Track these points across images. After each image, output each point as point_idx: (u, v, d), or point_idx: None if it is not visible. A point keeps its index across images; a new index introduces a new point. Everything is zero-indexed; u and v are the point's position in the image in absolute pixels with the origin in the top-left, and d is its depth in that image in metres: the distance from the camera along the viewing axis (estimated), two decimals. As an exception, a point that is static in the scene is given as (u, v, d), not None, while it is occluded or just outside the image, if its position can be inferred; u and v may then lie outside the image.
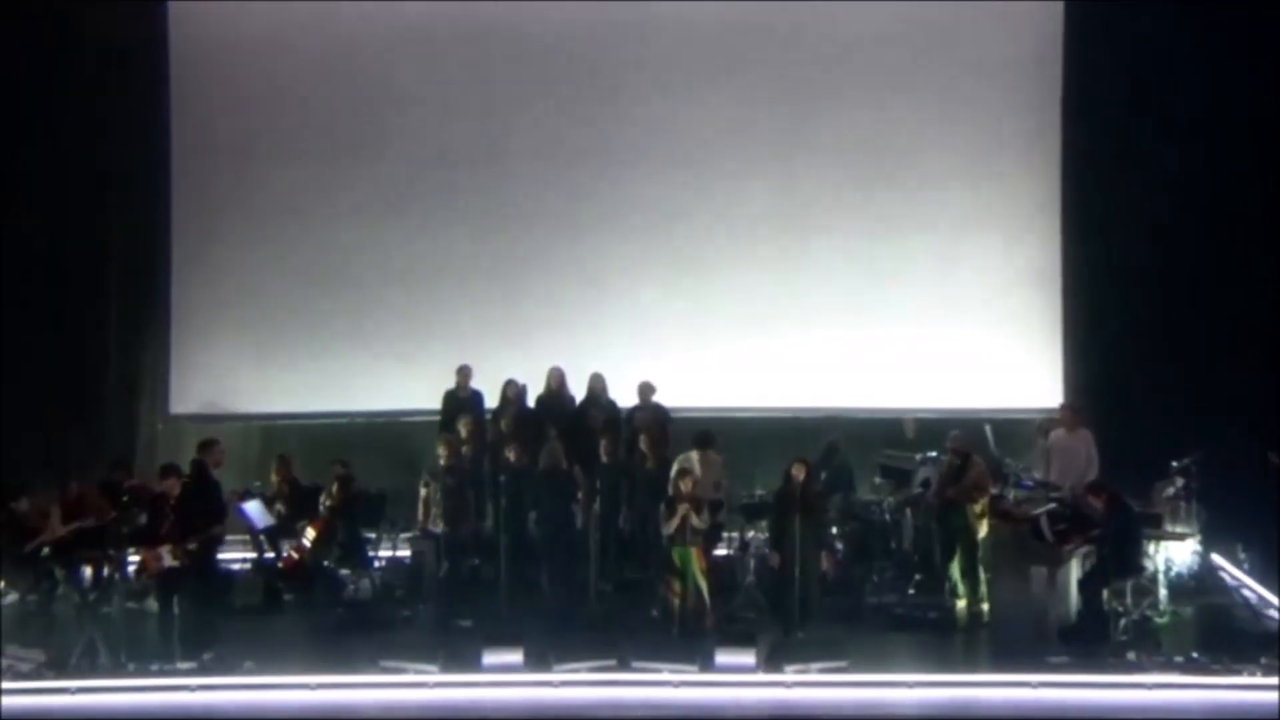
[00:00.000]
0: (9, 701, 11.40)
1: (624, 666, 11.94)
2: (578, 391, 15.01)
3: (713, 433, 14.13)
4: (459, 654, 12.01)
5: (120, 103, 15.95)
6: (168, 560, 12.52)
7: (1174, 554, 13.83)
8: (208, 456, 13.67)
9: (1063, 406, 14.91)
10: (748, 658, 11.91)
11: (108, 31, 15.79)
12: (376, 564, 14.37)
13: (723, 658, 11.90)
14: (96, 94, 15.80)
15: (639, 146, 16.18)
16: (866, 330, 16.14)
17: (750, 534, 14.25)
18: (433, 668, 11.83)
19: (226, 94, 16.20)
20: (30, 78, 15.41)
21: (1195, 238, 15.48)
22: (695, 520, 12.85)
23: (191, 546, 12.67)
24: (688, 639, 12.50)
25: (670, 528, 12.90)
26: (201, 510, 13.07)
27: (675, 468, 13.56)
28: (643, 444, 13.95)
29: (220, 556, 14.18)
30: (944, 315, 16.12)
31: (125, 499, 13.73)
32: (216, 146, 16.26)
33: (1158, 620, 13.13)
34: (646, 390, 14.85)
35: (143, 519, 13.55)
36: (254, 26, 16.16)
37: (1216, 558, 14.45)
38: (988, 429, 14.48)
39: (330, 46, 16.19)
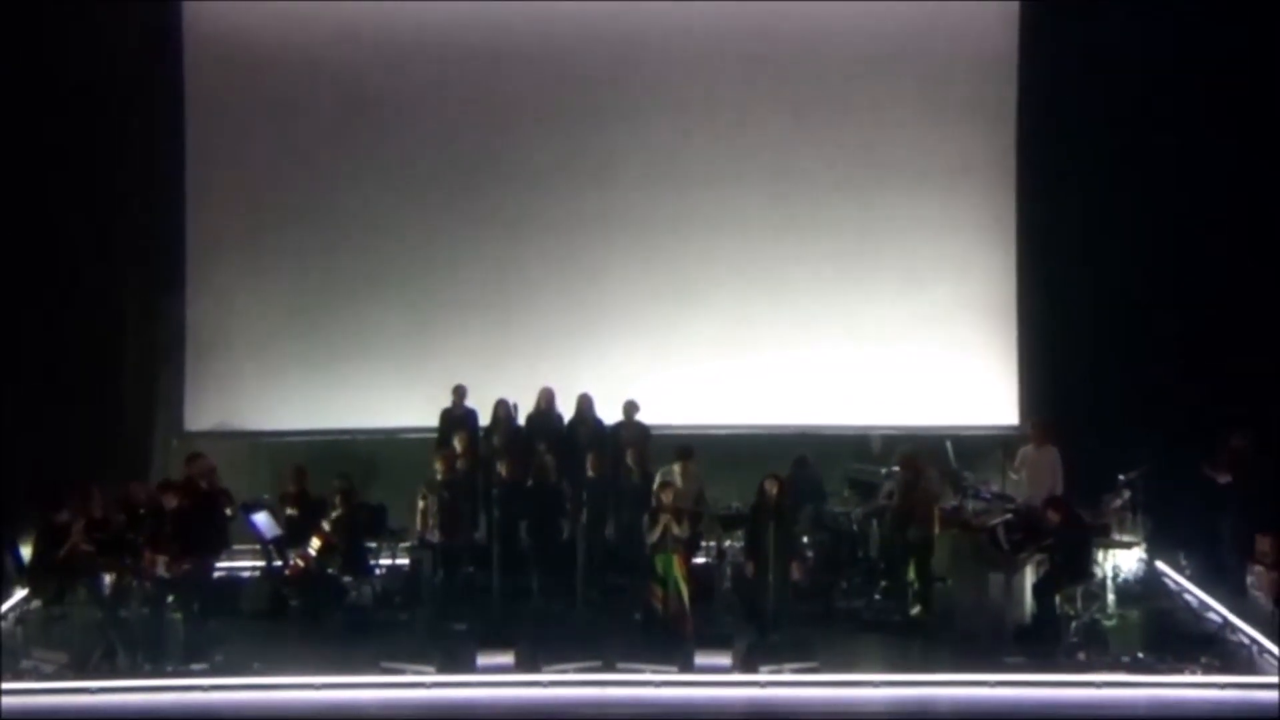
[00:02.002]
0: (35, 701, 11.46)
1: (609, 667, 11.98)
2: (566, 410, 15.02)
3: (692, 447, 14.17)
4: (454, 656, 12.07)
5: (136, 123, 15.72)
6: (161, 570, 12.53)
7: (1121, 561, 13.90)
8: (194, 468, 13.70)
9: (1032, 423, 14.97)
10: (724, 659, 11.99)
11: (122, 43, 15.49)
12: (377, 571, 14.31)
13: (701, 659, 11.97)
14: (112, 114, 15.51)
15: (624, 183, 16.17)
16: (835, 352, 16.17)
17: (727, 543, 14.24)
18: (430, 669, 11.88)
19: (241, 115, 16.11)
20: (45, 98, 15.06)
21: (1142, 266, 15.49)
22: (676, 530, 12.88)
23: (187, 566, 12.72)
24: (669, 641, 12.51)
25: (653, 537, 12.92)
26: (201, 528, 13.11)
27: (657, 481, 13.58)
28: (629, 459, 13.96)
29: (229, 565, 14.27)
30: (907, 338, 16.15)
31: (140, 511, 13.74)
32: (229, 168, 16.16)
33: (1106, 623, 13.20)
34: (630, 409, 14.86)
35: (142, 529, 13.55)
36: (269, 40, 16.04)
37: (1160, 564, 14.51)
38: (948, 444, 14.50)
39: (331, 75, 16.10)
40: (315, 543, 13.71)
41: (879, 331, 16.18)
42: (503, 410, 14.91)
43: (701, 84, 16.17)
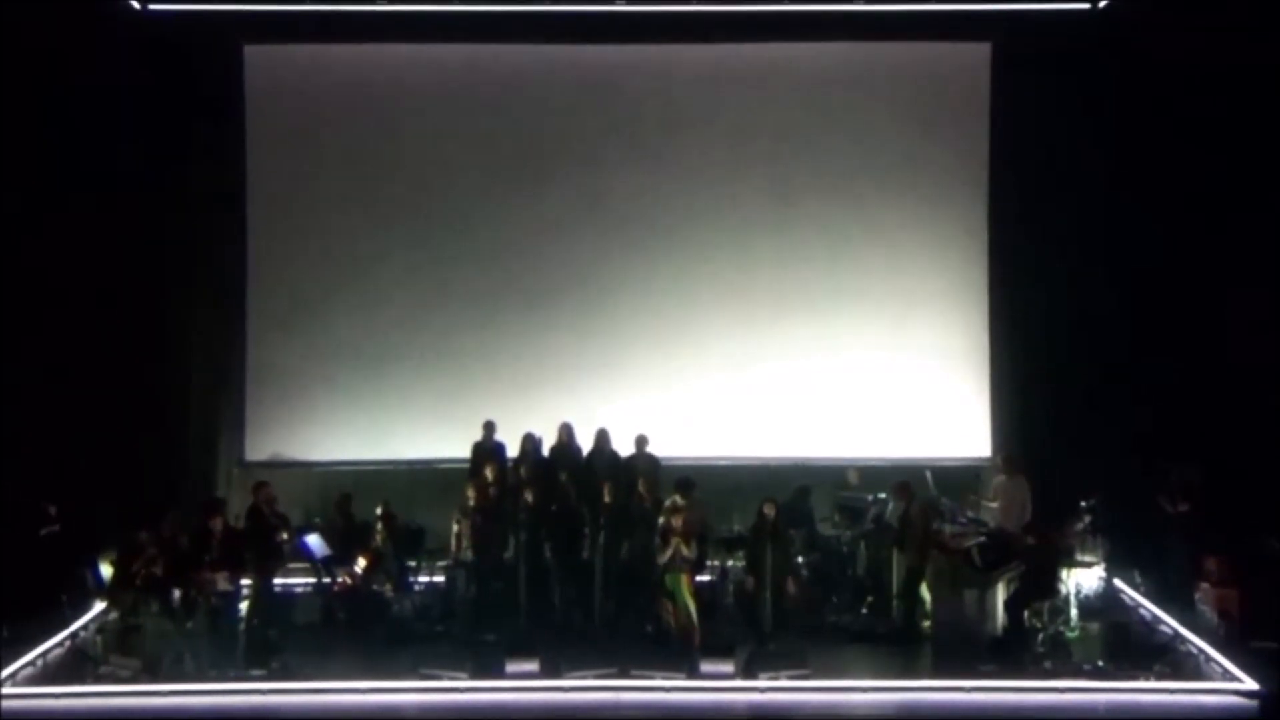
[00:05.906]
0: (112, 703, 11.60)
1: (624, 674, 12.06)
2: (585, 443, 15.07)
3: (691, 478, 13.92)
4: (485, 663, 12.13)
5: (202, 165, 15.79)
6: (222, 585, 12.63)
7: (1083, 579, 13.88)
8: (258, 495, 13.80)
9: (1003, 455, 14.98)
10: (727, 667, 12.02)
11: (185, 90, 15.50)
12: (416, 588, 14.36)
13: (706, 667, 12.01)
14: (179, 158, 15.58)
15: (637, 240, 16.29)
16: (827, 391, 16.24)
17: (729, 563, 14.27)
18: (463, 675, 11.96)
19: (301, 166, 16.20)
20: (107, 148, 15.06)
21: (1102, 314, 15.58)
22: (685, 551, 12.94)
23: (247, 580, 12.79)
24: (677, 651, 12.57)
25: (663, 558, 12.97)
26: (258, 545, 13.21)
27: (667, 507, 13.59)
28: (641, 487, 13.92)
29: (285, 582, 14.33)
30: (892, 379, 16.23)
31: (208, 533, 13.81)
32: (283, 225, 16.30)
33: (1069, 635, 13.19)
34: (642, 442, 14.86)
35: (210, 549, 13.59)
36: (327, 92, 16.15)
37: (1118, 582, 14.49)
38: (928, 474, 14.50)
39: (377, 133, 16.22)
40: (361, 562, 13.80)
41: (866, 373, 16.24)
42: (529, 443, 14.97)
43: (700, 137, 16.26)
